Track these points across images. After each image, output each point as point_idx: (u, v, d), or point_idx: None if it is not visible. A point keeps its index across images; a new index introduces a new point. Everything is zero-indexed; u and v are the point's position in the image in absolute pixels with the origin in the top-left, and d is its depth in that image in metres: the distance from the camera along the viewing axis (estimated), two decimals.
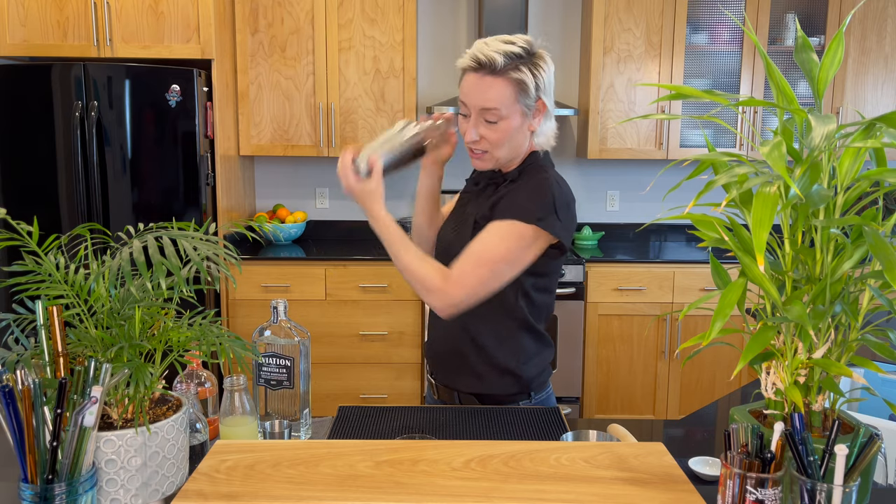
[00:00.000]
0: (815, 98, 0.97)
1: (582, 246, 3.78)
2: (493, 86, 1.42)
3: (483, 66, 1.42)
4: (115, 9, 3.20)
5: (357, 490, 0.98)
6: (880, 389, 1.54)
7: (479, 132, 1.46)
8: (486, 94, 1.43)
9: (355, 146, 1.46)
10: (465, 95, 1.46)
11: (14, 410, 0.88)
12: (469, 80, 1.45)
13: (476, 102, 1.44)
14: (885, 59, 3.58)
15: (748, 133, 3.61)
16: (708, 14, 3.58)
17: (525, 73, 1.43)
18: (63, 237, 1.07)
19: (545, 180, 1.48)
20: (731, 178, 0.91)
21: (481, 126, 1.46)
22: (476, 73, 1.43)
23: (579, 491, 0.98)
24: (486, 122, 1.45)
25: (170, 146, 3.21)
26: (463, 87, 1.47)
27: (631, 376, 3.53)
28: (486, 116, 1.45)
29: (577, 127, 3.92)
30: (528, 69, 1.43)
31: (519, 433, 1.37)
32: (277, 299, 1.35)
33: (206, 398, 1.32)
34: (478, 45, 1.44)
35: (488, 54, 1.41)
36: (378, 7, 3.52)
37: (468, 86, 1.45)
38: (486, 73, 1.42)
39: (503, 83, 1.42)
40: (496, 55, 1.41)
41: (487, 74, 1.42)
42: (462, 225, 1.59)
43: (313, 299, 3.43)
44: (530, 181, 1.50)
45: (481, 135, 1.47)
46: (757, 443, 0.90)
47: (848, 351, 0.98)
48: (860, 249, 0.92)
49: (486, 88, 1.43)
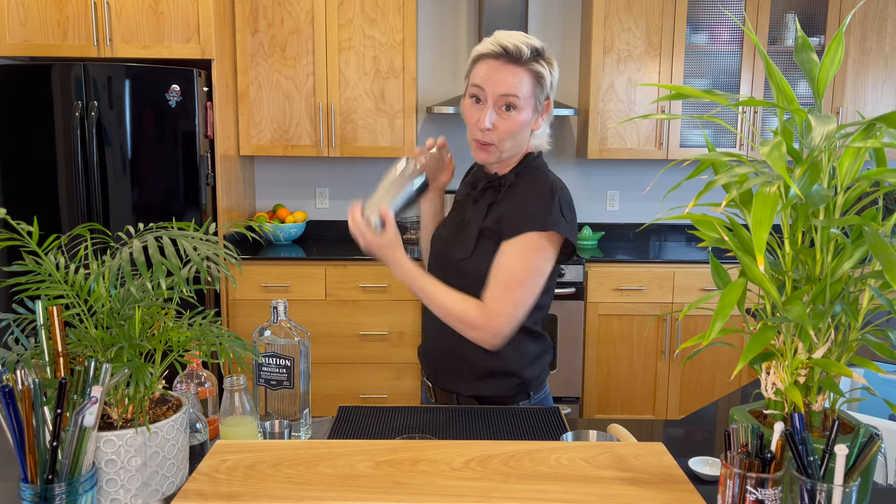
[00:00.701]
0: (815, 98, 0.97)
1: (582, 246, 3.78)
2: (516, 73, 1.42)
3: (509, 53, 1.41)
4: (115, 9, 3.20)
5: (357, 490, 0.98)
6: (880, 389, 1.54)
7: (493, 120, 1.45)
8: (510, 80, 1.42)
9: (359, 202, 1.44)
10: (484, 80, 1.44)
11: (14, 410, 0.88)
12: (491, 65, 1.43)
13: (498, 88, 1.43)
14: (885, 59, 3.58)
15: (748, 133, 3.61)
16: (708, 14, 3.58)
17: (544, 67, 1.45)
18: (63, 237, 1.07)
19: (547, 183, 1.49)
20: (731, 178, 0.91)
21: (496, 113, 1.45)
22: (499, 59, 1.42)
23: (579, 491, 0.98)
24: (502, 111, 1.44)
25: (170, 146, 3.21)
26: (481, 73, 1.44)
27: (631, 376, 3.53)
28: (504, 102, 1.43)
29: (577, 127, 3.92)
30: (545, 65, 1.45)
31: (519, 433, 1.37)
32: (277, 299, 1.35)
33: (206, 398, 1.32)
34: (501, 34, 1.43)
35: (515, 43, 1.41)
36: (378, 7, 3.52)
37: (490, 70, 1.43)
38: (509, 61, 1.42)
39: (525, 73, 1.43)
40: (522, 45, 1.41)
41: (511, 62, 1.42)
42: (462, 230, 1.56)
43: (313, 299, 3.43)
44: (533, 185, 1.50)
45: (494, 123, 1.45)
46: (757, 443, 0.90)
47: (848, 351, 0.98)
48: (860, 249, 0.92)
49: (510, 75, 1.42)
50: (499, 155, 1.49)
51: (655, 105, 3.61)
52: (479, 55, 1.46)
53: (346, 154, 3.62)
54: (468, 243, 1.52)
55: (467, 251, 1.51)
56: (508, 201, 1.50)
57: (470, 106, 1.48)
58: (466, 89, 1.50)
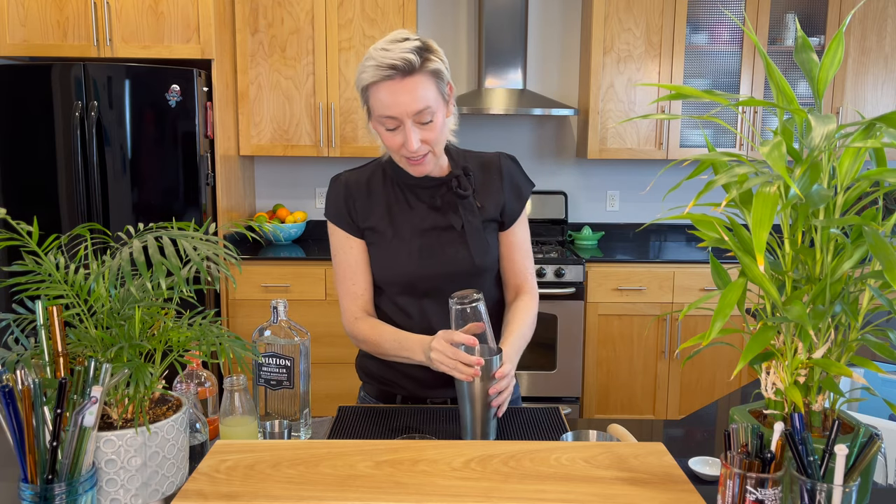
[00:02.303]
0: (815, 98, 0.97)
1: (582, 246, 3.78)
2: (418, 84, 1.34)
3: (400, 69, 1.33)
4: (115, 9, 3.20)
5: (357, 490, 0.98)
6: (880, 389, 1.54)
7: (419, 137, 1.38)
8: (415, 94, 1.34)
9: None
10: (390, 108, 1.35)
11: (14, 410, 0.88)
12: (389, 89, 1.34)
13: (408, 109, 1.34)
14: (885, 59, 3.58)
15: (748, 133, 3.61)
16: (708, 14, 3.58)
17: (435, 60, 1.37)
18: (63, 237, 1.07)
19: (494, 154, 1.58)
20: (731, 178, 0.91)
21: (419, 131, 1.38)
22: (393, 79, 1.33)
23: (579, 491, 0.98)
24: (422, 125, 1.38)
25: (170, 146, 3.20)
26: (383, 100, 1.35)
27: (631, 376, 3.53)
28: (421, 118, 1.36)
29: (577, 127, 3.92)
30: (434, 57, 1.38)
31: (519, 433, 1.37)
32: (277, 299, 1.35)
33: (206, 398, 1.32)
34: (378, 53, 1.34)
35: (403, 56, 1.32)
36: (378, 7, 3.52)
37: (391, 94, 1.34)
38: (404, 76, 1.33)
39: (425, 78, 1.35)
40: (409, 54, 1.33)
41: (407, 76, 1.34)
42: (468, 234, 1.50)
43: (313, 299, 3.43)
44: (488, 161, 1.57)
45: (421, 139, 1.38)
46: (757, 443, 0.90)
47: (848, 351, 0.98)
48: (860, 249, 0.92)
49: (413, 90, 1.34)
50: (436, 160, 1.46)
51: (655, 105, 3.61)
52: (369, 84, 1.37)
53: (346, 154, 3.62)
54: (483, 241, 1.51)
55: (486, 248, 1.51)
56: (488, 186, 1.54)
57: (386, 134, 1.40)
58: (370, 118, 1.42)
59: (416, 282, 1.51)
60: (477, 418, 1.28)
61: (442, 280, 1.49)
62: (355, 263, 1.54)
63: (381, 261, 1.52)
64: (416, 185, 1.52)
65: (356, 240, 1.54)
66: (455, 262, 1.50)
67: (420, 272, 1.50)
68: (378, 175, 1.55)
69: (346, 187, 1.54)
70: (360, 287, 1.55)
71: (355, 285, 1.55)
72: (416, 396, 1.57)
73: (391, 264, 1.51)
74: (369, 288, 1.56)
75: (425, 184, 1.51)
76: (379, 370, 1.60)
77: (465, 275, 1.50)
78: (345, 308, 1.56)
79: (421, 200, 1.52)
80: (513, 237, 1.56)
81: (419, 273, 1.50)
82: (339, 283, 1.56)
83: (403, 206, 1.52)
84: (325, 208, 1.56)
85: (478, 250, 1.49)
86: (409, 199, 1.52)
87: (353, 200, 1.53)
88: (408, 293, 1.52)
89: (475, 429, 1.28)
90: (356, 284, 1.55)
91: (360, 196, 1.53)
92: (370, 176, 1.55)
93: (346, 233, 1.53)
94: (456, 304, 1.30)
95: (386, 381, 1.60)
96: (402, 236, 1.51)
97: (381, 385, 1.61)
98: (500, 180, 1.54)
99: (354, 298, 1.55)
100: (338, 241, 1.55)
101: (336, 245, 1.55)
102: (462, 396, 1.28)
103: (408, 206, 1.52)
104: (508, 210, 1.54)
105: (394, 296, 1.54)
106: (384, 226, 1.51)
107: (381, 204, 1.52)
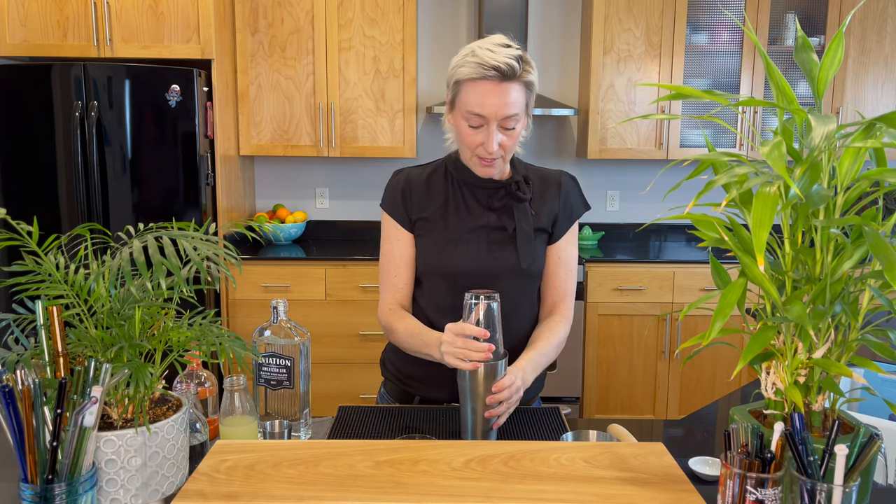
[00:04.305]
0: (815, 98, 0.97)
1: (582, 246, 3.78)
2: (513, 91, 1.37)
3: (502, 73, 1.35)
4: (115, 9, 3.20)
5: (357, 490, 0.98)
6: (880, 389, 1.54)
7: (500, 141, 1.41)
8: (508, 100, 1.37)
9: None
10: (482, 106, 1.37)
11: (14, 410, 0.88)
12: (486, 89, 1.36)
13: (499, 112, 1.37)
14: (885, 59, 3.58)
15: (748, 133, 3.61)
16: (708, 14, 3.58)
17: (531, 72, 1.40)
18: (63, 237, 1.07)
19: (555, 171, 1.59)
20: (731, 178, 0.91)
21: (501, 135, 1.41)
22: (492, 80, 1.36)
23: (579, 491, 0.98)
24: (505, 130, 1.41)
25: (170, 146, 3.20)
26: (476, 98, 1.37)
27: (631, 376, 3.53)
28: (506, 124, 1.40)
29: (577, 127, 3.92)
30: (531, 69, 1.41)
31: (519, 433, 1.38)
32: (277, 299, 1.35)
33: (206, 398, 1.32)
34: (484, 53, 1.36)
35: (507, 62, 1.35)
36: (378, 7, 3.52)
37: (485, 95, 1.37)
38: (503, 80, 1.36)
39: (519, 87, 1.38)
40: (511, 60, 1.35)
41: (505, 80, 1.36)
42: (517, 238, 1.50)
43: (313, 299, 3.43)
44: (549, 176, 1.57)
45: (500, 143, 1.41)
46: (757, 443, 0.90)
47: (848, 351, 0.98)
48: (860, 249, 0.92)
49: (507, 94, 1.37)
50: (503, 166, 1.50)
51: (655, 105, 3.61)
52: (465, 79, 1.39)
53: (346, 154, 3.62)
54: (532, 247, 1.51)
55: (533, 255, 1.51)
56: (545, 197, 1.54)
57: (468, 130, 1.42)
58: (454, 110, 1.44)
59: (457, 276, 1.50)
60: (477, 419, 1.28)
61: (484, 278, 1.49)
62: (399, 256, 1.56)
63: (427, 249, 1.54)
64: (476, 185, 1.53)
65: (405, 232, 1.55)
66: (501, 263, 1.50)
67: (464, 266, 1.49)
68: (440, 172, 1.57)
69: (407, 179, 1.57)
70: (402, 280, 1.56)
71: (397, 277, 1.56)
72: (434, 399, 1.57)
73: (437, 254, 1.52)
74: (410, 283, 1.57)
75: (486, 185, 1.53)
76: (403, 366, 1.61)
77: (508, 276, 1.49)
78: (383, 297, 1.58)
79: (478, 200, 1.53)
80: (561, 252, 1.56)
81: (463, 267, 1.50)
82: (383, 273, 1.58)
83: (460, 203, 1.54)
84: (382, 198, 1.59)
85: (525, 255, 1.49)
86: (467, 197, 1.54)
87: (411, 192, 1.55)
88: (448, 288, 1.51)
89: (475, 429, 1.28)
90: (398, 276, 1.56)
91: (418, 189, 1.55)
92: (432, 172, 1.58)
93: (397, 223, 1.55)
94: (471, 299, 1.30)
95: (407, 379, 1.60)
96: (453, 230, 1.52)
97: (401, 384, 1.62)
98: (557, 193, 1.55)
99: (394, 291, 1.56)
100: (388, 231, 1.57)
101: (385, 235, 1.58)
102: (464, 396, 1.28)
103: (464, 204, 1.53)
104: (559, 224, 1.55)
105: (433, 290, 1.54)
106: (437, 218, 1.53)
107: (439, 199, 1.55)
